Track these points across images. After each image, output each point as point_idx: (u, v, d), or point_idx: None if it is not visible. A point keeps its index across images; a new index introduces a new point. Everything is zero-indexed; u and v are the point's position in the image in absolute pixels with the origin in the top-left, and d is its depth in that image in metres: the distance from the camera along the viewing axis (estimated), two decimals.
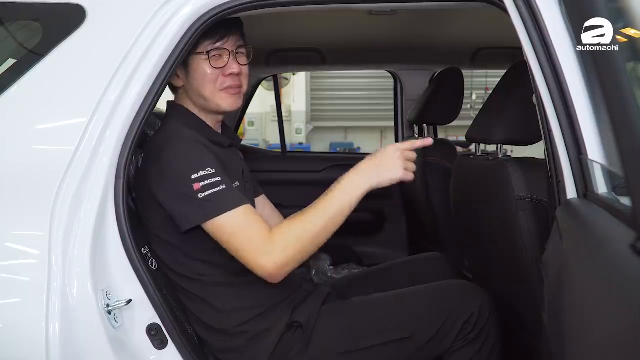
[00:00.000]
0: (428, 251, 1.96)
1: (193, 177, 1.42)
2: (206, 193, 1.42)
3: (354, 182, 1.45)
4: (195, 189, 1.42)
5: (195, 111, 1.61)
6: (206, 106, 1.60)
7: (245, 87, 1.63)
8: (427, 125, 2.93)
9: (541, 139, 1.32)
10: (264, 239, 1.42)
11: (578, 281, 0.95)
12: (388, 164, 1.46)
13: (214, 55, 1.55)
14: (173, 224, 1.48)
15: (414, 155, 1.49)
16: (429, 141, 1.54)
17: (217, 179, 1.43)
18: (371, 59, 3.20)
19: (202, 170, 1.43)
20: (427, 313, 1.57)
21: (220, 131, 1.68)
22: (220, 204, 1.43)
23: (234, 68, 1.57)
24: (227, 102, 1.59)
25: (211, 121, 1.63)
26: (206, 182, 1.42)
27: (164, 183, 1.46)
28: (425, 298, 1.62)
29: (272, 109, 8.49)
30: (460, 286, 1.67)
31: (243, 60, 1.61)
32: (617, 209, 0.95)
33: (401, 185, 3.19)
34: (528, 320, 1.66)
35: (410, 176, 1.47)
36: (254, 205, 1.72)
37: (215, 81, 1.56)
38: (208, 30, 1.48)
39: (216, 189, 1.42)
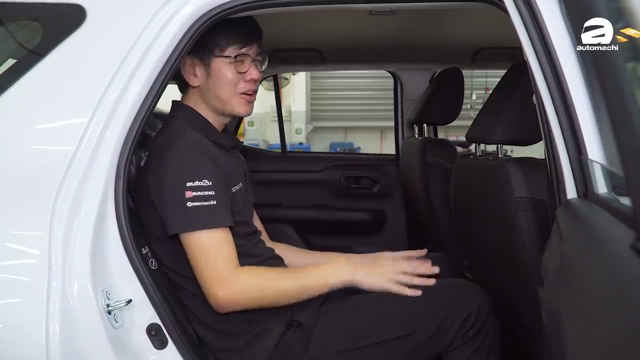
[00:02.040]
0: (428, 251, 1.96)
1: (188, 184, 1.44)
2: (196, 204, 1.43)
3: (337, 272, 1.54)
4: (186, 196, 1.43)
5: (203, 112, 1.62)
6: (221, 109, 1.62)
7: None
8: (427, 125, 2.93)
9: (541, 139, 1.32)
10: (229, 270, 1.45)
11: (578, 281, 0.95)
12: (377, 273, 1.55)
13: (239, 61, 1.58)
14: None
15: (408, 268, 1.58)
16: (427, 262, 1.65)
17: (210, 192, 1.45)
18: (371, 59, 3.20)
19: (199, 181, 1.44)
20: (426, 311, 1.57)
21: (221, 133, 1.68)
22: (206, 218, 1.44)
23: (254, 74, 1.61)
24: (243, 108, 1.62)
25: (217, 123, 1.65)
26: (199, 193, 1.44)
27: (159, 184, 1.47)
28: (424, 297, 1.62)
29: (272, 109, 8.49)
30: (459, 285, 1.67)
31: (259, 67, 1.65)
32: (617, 209, 0.95)
33: (401, 185, 3.20)
34: (528, 320, 1.66)
35: (396, 288, 1.55)
36: (251, 207, 1.73)
37: (236, 85, 1.59)
38: (235, 36, 1.54)
39: (206, 203, 1.44)
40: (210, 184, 1.45)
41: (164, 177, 1.46)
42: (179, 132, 1.55)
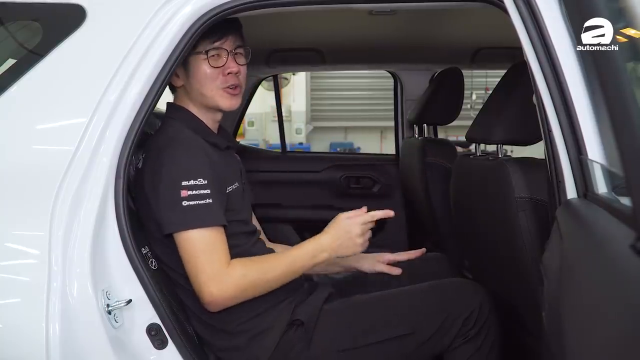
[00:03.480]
0: (428, 251, 1.96)
1: (183, 183, 1.44)
2: (191, 202, 1.44)
3: (315, 255, 1.53)
4: (181, 195, 1.44)
5: (195, 112, 1.62)
6: (206, 104, 1.61)
7: (243, 87, 1.65)
8: (427, 125, 2.93)
9: (541, 139, 1.32)
10: (222, 268, 1.45)
11: (578, 281, 0.95)
12: (348, 242, 1.55)
13: (213, 55, 1.57)
14: None
15: (371, 225, 1.60)
16: (390, 213, 1.63)
17: (206, 191, 1.45)
18: (371, 59, 3.20)
19: (194, 180, 1.45)
20: (427, 310, 1.57)
21: (217, 133, 1.68)
22: (201, 217, 1.45)
23: (232, 67, 1.58)
24: (227, 102, 1.60)
25: (210, 122, 1.64)
26: (194, 192, 1.44)
27: (155, 184, 1.48)
28: (425, 295, 1.62)
29: (272, 109, 8.49)
30: (461, 284, 1.67)
31: (241, 60, 1.62)
32: (617, 209, 0.95)
33: (401, 185, 3.20)
34: (528, 320, 1.66)
35: (366, 245, 1.58)
36: (249, 206, 1.73)
37: (216, 80, 1.58)
38: (207, 31, 1.49)
39: (202, 201, 1.45)
40: (206, 182, 1.46)
41: (160, 177, 1.47)
42: (175, 132, 1.56)
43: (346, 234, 1.55)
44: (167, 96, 1.58)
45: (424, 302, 1.59)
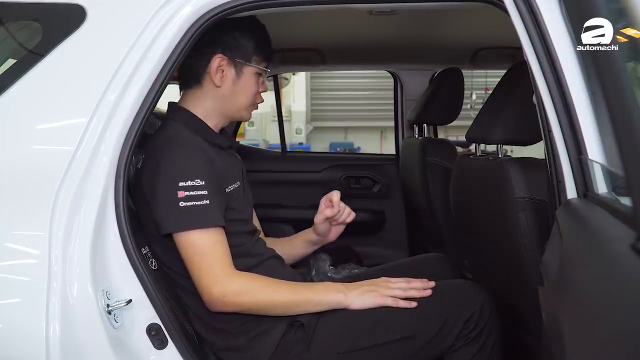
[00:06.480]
0: (428, 251, 1.97)
1: (180, 184, 1.44)
2: (188, 203, 1.44)
3: (331, 292, 1.54)
4: (178, 196, 1.44)
5: (201, 113, 1.62)
6: (231, 114, 1.66)
7: None
8: (427, 125, 2.94)
9: (541, 139, 1.32)
10: (224, 270, 1.46)
11: (578, 281, 0.95)
12: (370, 294, 1.55)
13: (261, 74, 1.65)
14: None
15: (403, 284, 1.58)
16: (431, 283, 1.60)
17: (203, 192, 1.45)
18: (371, 59, 3.20)
19: (191, 180, 1.45)
20: (428, 312, 1.57)
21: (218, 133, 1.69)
22: (198, 218, 1.45)
23: (265, 88, 1.69)
24: (249, 116, 1.70)
25: (214, 125, 1.65)
26: (191, 193, 1.44)
27: (153, 183, 1.48)
28: (425, 298, 1.62)
29: (272, 109, 8.49)
30: (461, 285, 1.67)
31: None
32: (617, 209, 0.95)
33: (401, 185, 3.21)
34: (528, 320, 1.66)
35: (390, 302, 1.54)
36: (251, 207, 1.73)
37: (254, 96, 1.65)
38: (266, 50, 1.62)
39: (199, 202, 1.45)
40: (203, 183, 1.46)
41: (157, 177, 1.47)
42: (174, 133, 1.56)
43: (374, 286, 1.57)
44: (167, 96, 1.58)
45: (423, 305, 1.58)
